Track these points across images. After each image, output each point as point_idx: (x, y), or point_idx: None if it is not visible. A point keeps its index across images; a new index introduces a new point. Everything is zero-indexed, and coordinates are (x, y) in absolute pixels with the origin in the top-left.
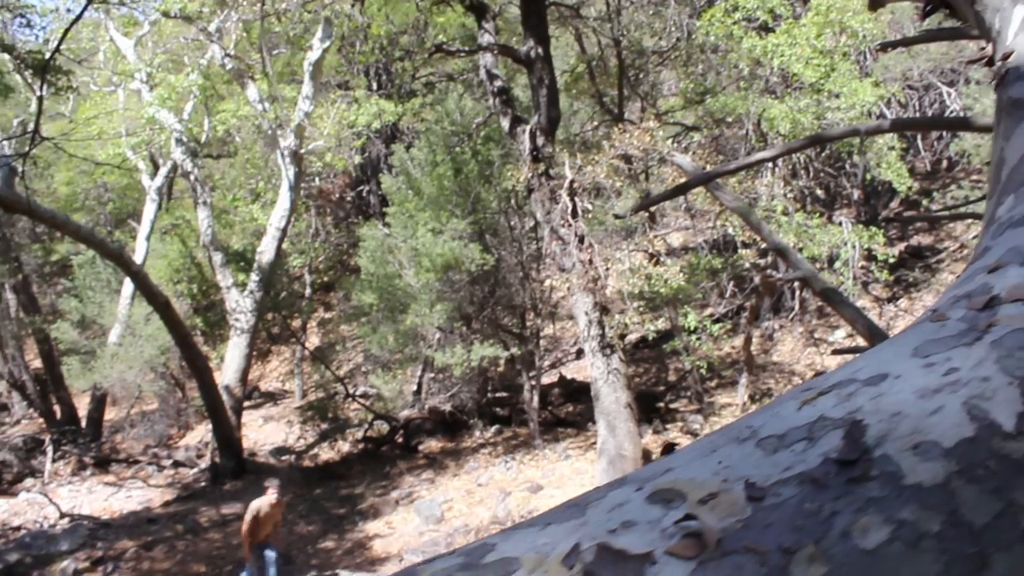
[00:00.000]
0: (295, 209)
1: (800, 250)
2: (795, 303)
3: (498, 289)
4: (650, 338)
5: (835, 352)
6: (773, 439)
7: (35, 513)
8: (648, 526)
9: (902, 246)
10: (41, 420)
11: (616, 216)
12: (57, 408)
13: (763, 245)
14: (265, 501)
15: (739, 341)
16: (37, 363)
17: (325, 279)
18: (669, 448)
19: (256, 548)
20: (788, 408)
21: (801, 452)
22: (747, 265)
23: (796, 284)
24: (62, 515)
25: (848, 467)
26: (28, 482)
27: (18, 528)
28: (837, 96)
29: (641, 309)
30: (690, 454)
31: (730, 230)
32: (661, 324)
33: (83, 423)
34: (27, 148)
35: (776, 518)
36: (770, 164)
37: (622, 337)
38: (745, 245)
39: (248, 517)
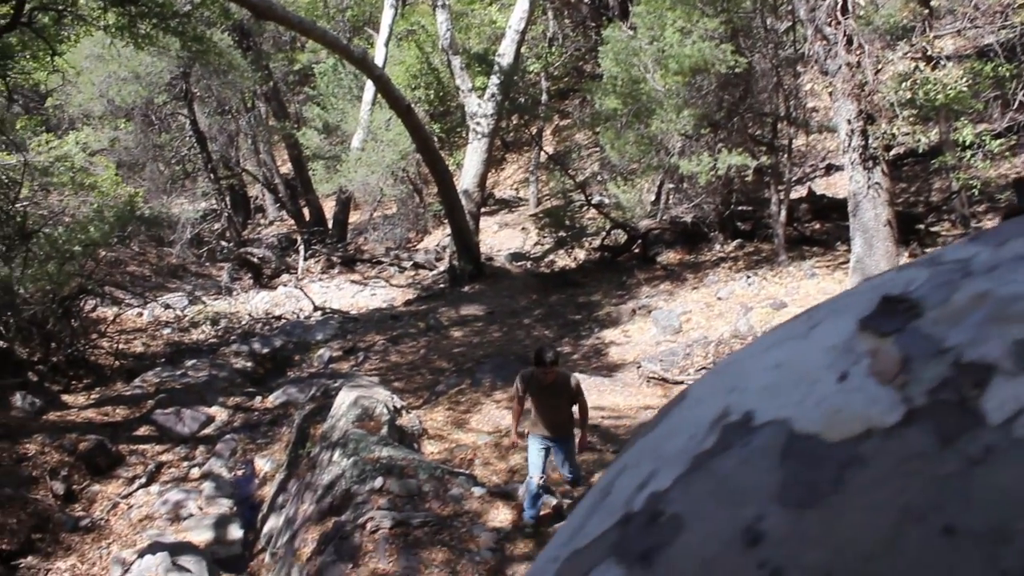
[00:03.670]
0: (533, 11)
1: None
2: None
3: (749, 96)
4: (920, 151)
5: None
6: None
7: (292, 305)
8: None
9: None
10: (291, 221)
11: None
12: (306, 210)
13: None
14: (532, 372)
15: (1021, 161)
16: (286, 168)
17: (561, 85)
18: None
19: (532, 439)
20: None
21: None
22: None
23: None
24: (315, 308)
25: None
26: (284, 277)
27: (279, 317)
28: None
29: (912, 119)
30: None
31: None
32: (932, 137)
33: (330, 225)
34: None
35: None
36: None
37: (887, 149)
38: None
39: (513, 390)
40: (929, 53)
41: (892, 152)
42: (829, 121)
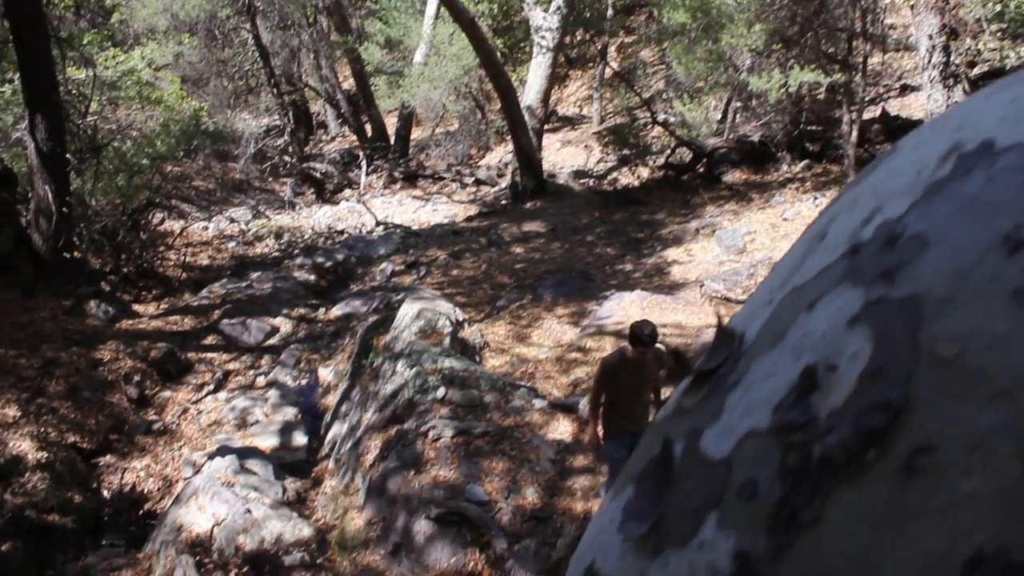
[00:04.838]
0: None
1: None
2: None
3: (823, 11)
4: (1007, 69)
5: None
6: None
7: (354, 220)
8: None
9: None
10: (354, 137)
11: None
12: (368, 126)
13: None
14: (621, 358)
15: None
16: (348, 84)
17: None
18: None
19: (616, 441)
20: None
21: None
22: None
23: None
24: (377, 223)
25: None
26: (347, 192)
27: (342, 232)
28: None
29: (999, 35)
30: None
31: None
32: (1021, 54)
33: (392, 140)
34: None
35: None
36: None
37: (970, 66)
38: None
39: (594, 384)
40: None
41: (975, 70)
42: (907, 39)
